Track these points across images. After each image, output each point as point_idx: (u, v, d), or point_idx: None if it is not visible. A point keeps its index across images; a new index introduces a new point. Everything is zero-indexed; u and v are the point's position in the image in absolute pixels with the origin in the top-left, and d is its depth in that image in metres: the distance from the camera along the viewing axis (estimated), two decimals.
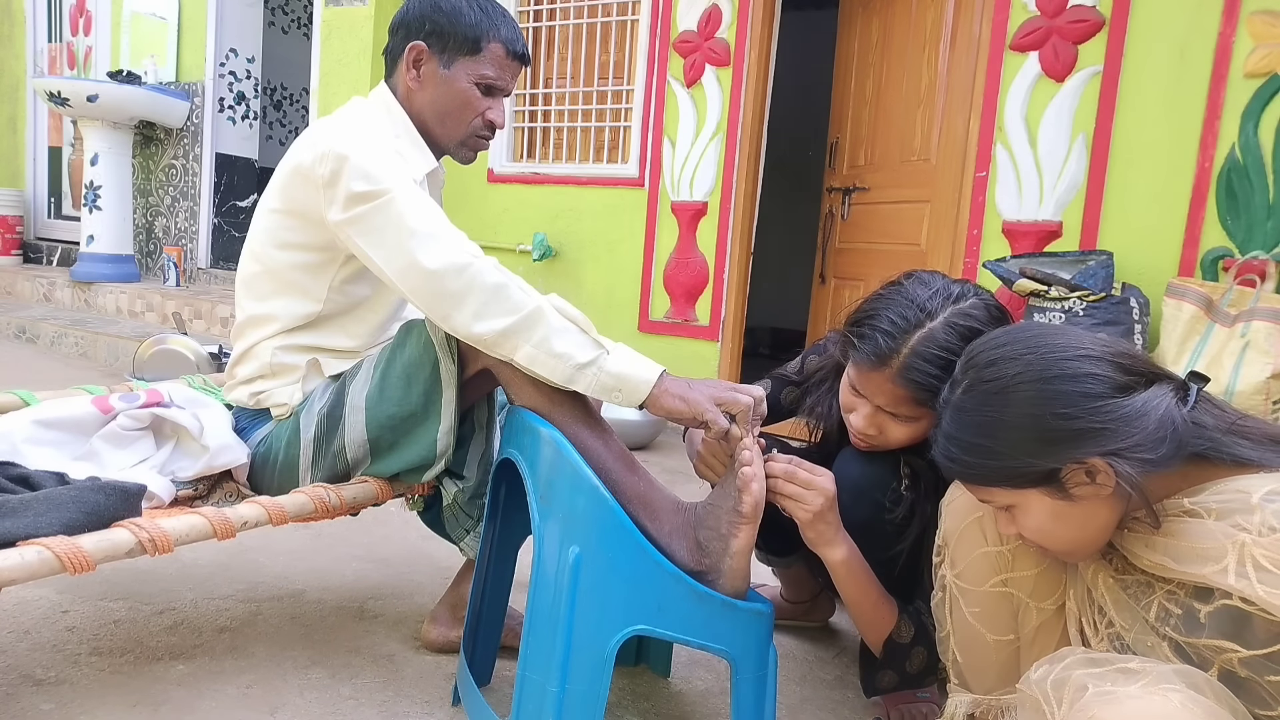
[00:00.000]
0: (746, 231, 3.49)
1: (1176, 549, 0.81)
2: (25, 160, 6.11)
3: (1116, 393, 0.82)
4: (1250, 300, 2.25)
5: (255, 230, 1.38)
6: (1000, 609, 1.03)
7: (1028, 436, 0.84)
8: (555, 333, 1.14)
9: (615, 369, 1.14)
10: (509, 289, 1.16)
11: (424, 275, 1.17)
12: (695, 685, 1.47)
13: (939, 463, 0.94)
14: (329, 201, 1.24)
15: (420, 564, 1.90)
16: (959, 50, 2.87)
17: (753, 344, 4.59)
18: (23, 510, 1.02)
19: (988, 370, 0.88)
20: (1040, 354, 0.85)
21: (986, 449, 0.87)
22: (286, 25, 6.52)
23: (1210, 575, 0.77)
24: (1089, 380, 0.82)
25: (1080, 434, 0.82)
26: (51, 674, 1.32)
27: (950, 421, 0.91)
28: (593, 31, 3.82)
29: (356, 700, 1.32)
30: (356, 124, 1.32)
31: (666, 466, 2.91)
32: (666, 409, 1.14)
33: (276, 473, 1.35)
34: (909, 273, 1.25)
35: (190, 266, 5.17)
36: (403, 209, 1.20)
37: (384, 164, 1.24)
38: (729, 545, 1.09)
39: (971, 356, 0.92)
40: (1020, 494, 0.88)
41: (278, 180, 1.34)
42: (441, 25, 1.34)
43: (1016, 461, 0.85)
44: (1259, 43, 2.37)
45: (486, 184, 4.05)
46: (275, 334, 1.36)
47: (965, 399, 0.90)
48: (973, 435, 0.88)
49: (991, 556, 1.02)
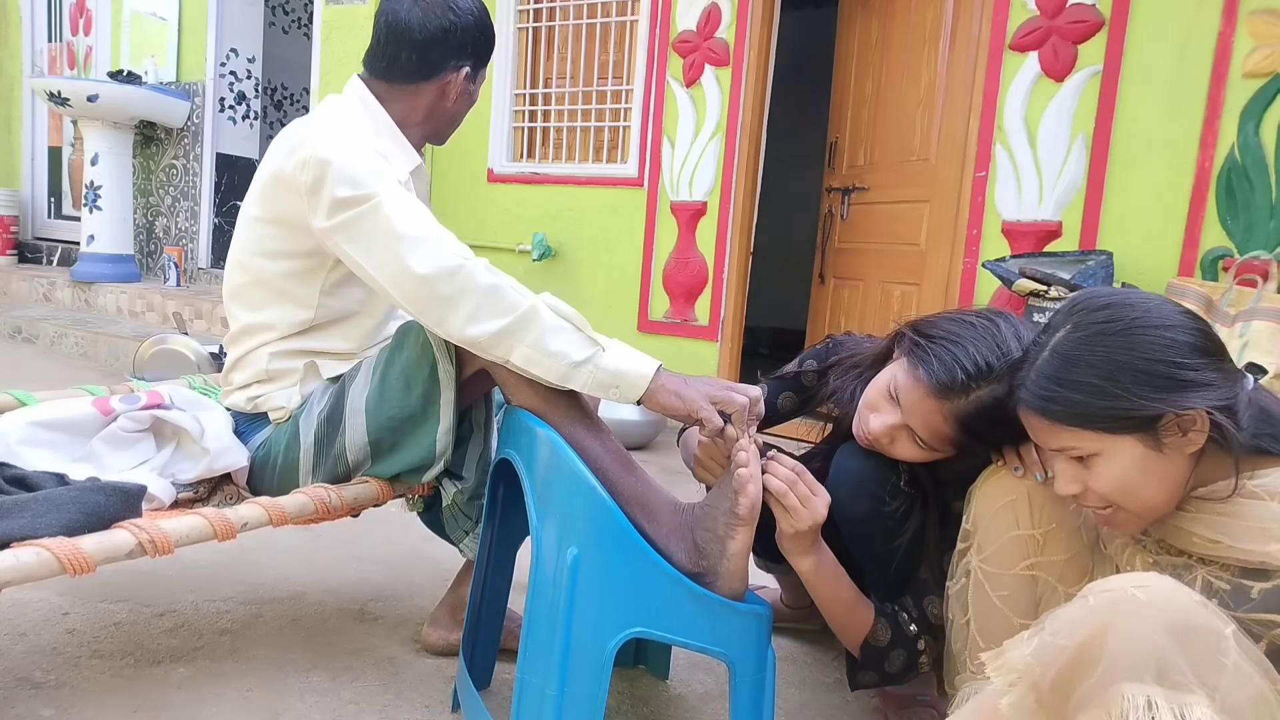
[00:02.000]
0: (746, 231, 3.49)
1: (1236, 528, 0.84)
2: (21, 160, 6.10)
3: (1216, 354, 0.87)
4: (1250, 300, 2.25)
5: (239, 240, 1.36)
6: (1025, 593, 1.05)
7: (1142, 379, 0.86)
8: (550, 332, 1.14)
9: (611, 365, 1.14)
10: (502, 290, 1.15)
11: (415, 281, 1.16)
12: (694, 688, 1.47)
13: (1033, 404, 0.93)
14: (313, 209, 1.23)
15: (420, 565, 1.90)
16: (958, 50, 2.87)
17: (752, 344, 4.59)
18: (21, 511, 1.02)
19: (1102, 313, 0.90)
20: (1153, 305, 0.89)
21: (1098, 388, 0.87)
22: (287, 25, 6.52)
23: (1275, 553, 0.80)
24: (1197, 334, 0.87)
25: (1186, 384, 0.85)
26: (51, 677, 1.32)
27: (1054, 363, 0.91)
28: (592, 31, 3.82)
29: (358, 705, 1.32)
30: (335, 125, 1.30)
31: (665, 467, 2.91)
32: (662, 404, 1.14)
33: (276, 476, 1.35)
34: (1005, 313, 1.17)
35: (191, 266, 5.17)
36: (389, 213, 1.19)
37: (367, 167, 1.22)
38: (726, 547, 1.09)
39: (1078, 302, 0.93)
40: (1113, 440, 0.88)
41: (257, 187, 1.33)
42: (483, 49, 1.41)
43: (1127, 402, 0.86)
44: (1259, 43, 2.37)
45: (486, 184, 4.05)
46: (270, 341, 1.36)
47: (1076, 339, 0.90)
48: (1086, 374, 0.88)
49: (1023, 540, 1.04)
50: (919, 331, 1.18)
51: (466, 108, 1.45)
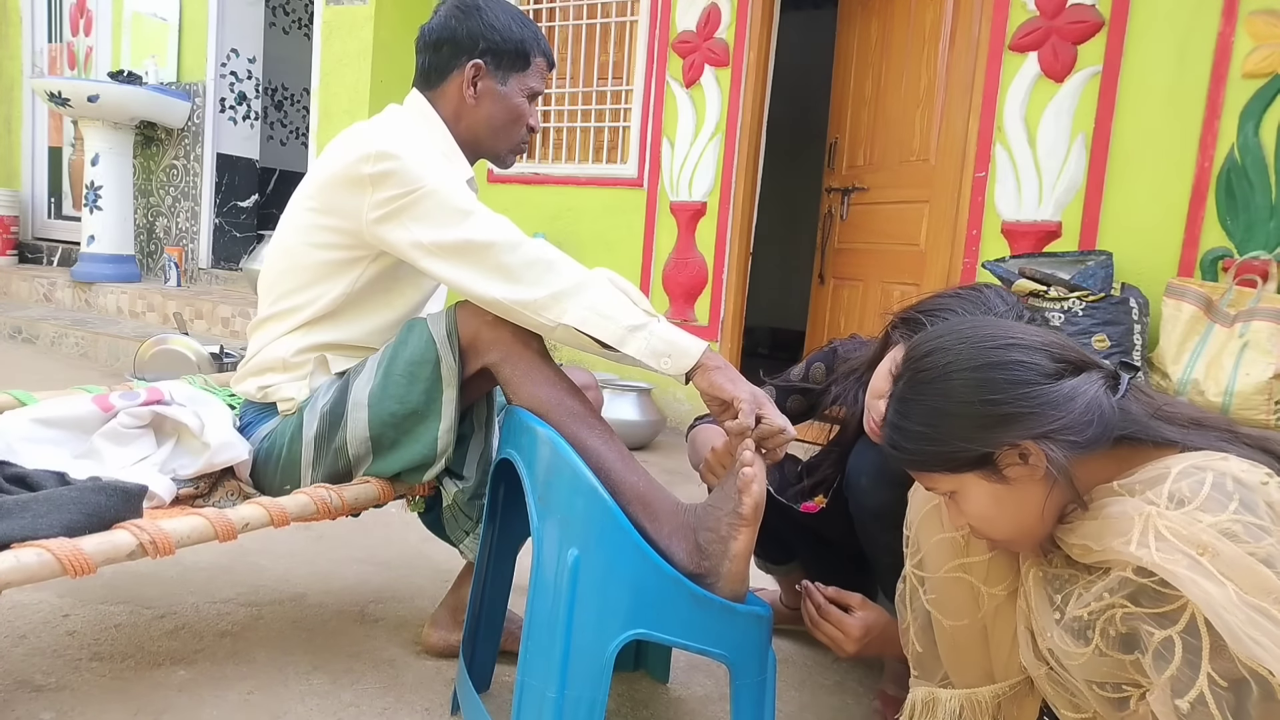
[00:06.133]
0: (745, 231, 3.49)
1: (1097, 529, 0.83)
2: (21, 160, 6.10)
3: (1045, 379, 0.85)
4: (1250, 300, 2.25)
5: (288, 227, 1.39)
6: (957, 594, 1.05)
7: (961, 422, 0.87)
8: (608, 296, 1.19)
9: (667, 334, 1.17)
10: (562, 261, 1.22)
11: (478, 248, 1.22)
12: (694, 690, 1.47)
13: (886, 453, 0.97)
14: (376, 197, 1.26)
15: (421, 567, 1.90)
16: (958, 50, 2.87)
17: (752, 344, 4.59)
18: (22, 511, 1.02)
19: (924, 361, 0.92)
20: (971, 344, 0.89)
21: (925, 435, 0.90)
22: (287, 25, 6.51)
23: (1117, 547, 0.78)
24: (1017, 367, 0.86)
25: (1010, 418, 0.85)
26: (51, 680, 1.32)
27: (893, 411, 0.94)
28: (592, 32, 3.82)
29: (358, 708, 1.32)
30: (400, 129, 1.34)
31: (665, 467, 2.91)
32: (712, 383, 1.15)
33: (279, 469, 1.35)
34: (988, 283, 1.26)
35: (191, 267, 5.17)
36: (451, 194, 1.25)
37: (431, 162, 1.28)
38: (728, 548, 1.08)
39: (911, 349, 0.96)
40: (959, 479, 0.91)
41: (316, 179, 1.35)
42: (497, 44, 1.39)
43: (952, 446, 0.88)
44: (1259, 43, 2.36)
45: (486, 184, 4.05)
46: (295, 328, 1.37)
47: (905, 389, 0.93)
48: (912, 423, 0.91)
49: (948, 542, 1.05)
50: (909, 313, 1.24)
51: (501, 112, 1.43)
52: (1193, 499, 0.76)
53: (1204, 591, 0.70)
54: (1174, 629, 0.73)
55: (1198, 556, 0.72)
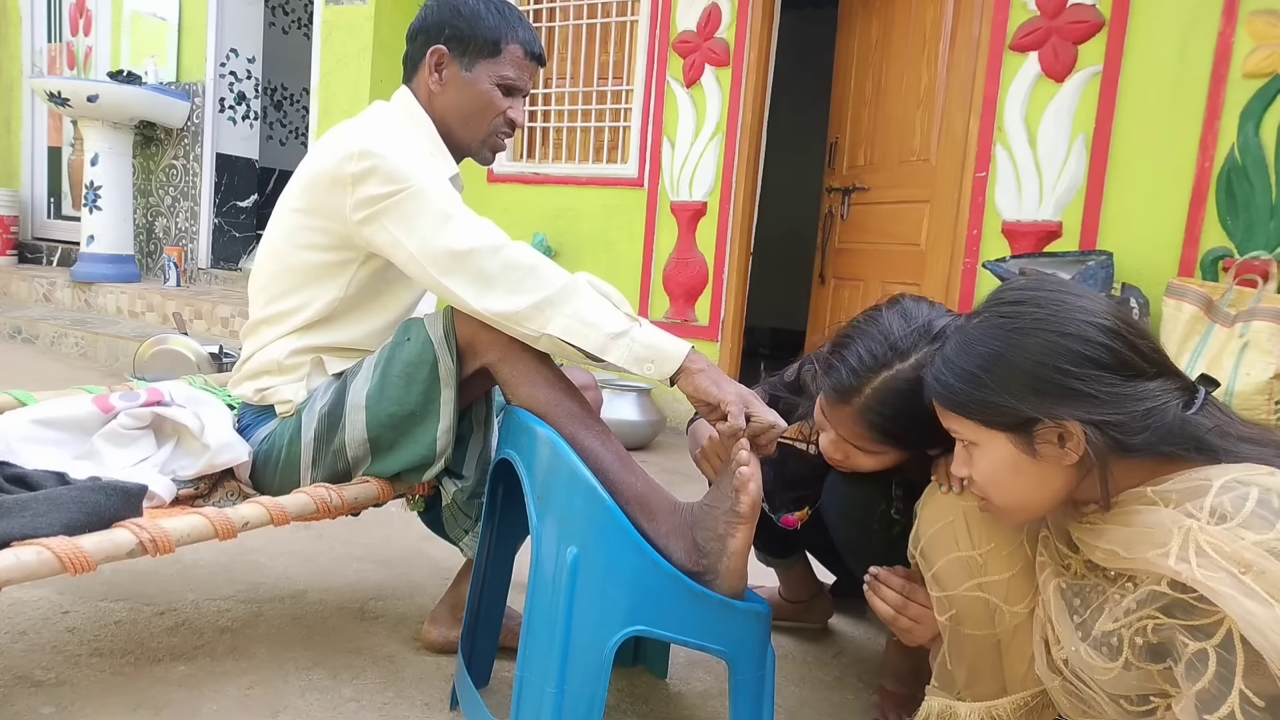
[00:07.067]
0: (746, 231, 3.49)
1: (1127, 536, 0.81)
2: (21, 160, 6.10)
3: (1122, 370, 0.83)
4: (1250, 300, 2.25)
5: (275, 229, 1.39)
6: (974, 611, 1.03)
7: (1022, 379, 0.85)
8: (590, 304, 1.18)
9: (648, 339, 1.17)
10: (543, 266, 1.21)
11: (458, 256, 1.21)
12: (694, 686, 1.47)
13: (926, 381, 0.94)
14: (358, 196, 1.25)
15: (420, 564, 1.90)
16: (958, 50, 2.87)
17: (752, 344, 4.59)
18: (22, 510, 1.02)
19: (1009, 308, 0.89)
20: (1064, 308, 0.86)
21: (976, 378, 0.88)
22: (287, 25, 6.52)
23: (1153, 559, 0.76)
24: (1100, 349, 0.83)
25: (1071, 394, 0.83)
26: (51, 675, 1.32)
27: (954, 345, 0.92)
28: (592, 32, 3.82)
29: (358, 703, 1.32)
30: (384, 126, 1.34)
31: (665, 467, 2.91)
32: (697, 387, 1.15)
33: (278, 471, 1.36)
34: (895, 300, 1.18)
35: (191, 267, 5.17)
36: (433, 197, 1.24)
37: (414, 160, 1.27)
38: (726, 545, 1.09)
39: (999, 293, 0.93)
40: (988, 433, 0.89)
41: (301, 180, 1.35)
42: (461, 29, 1.37)
43: (1000, 399, 0.86)
44: (1259, 43, 2.37)
45: (486, 184, 4.05)
46: (289, 332, 1.37)
47: (977, 328, 0.90)
48: (969, 361, 0.89)
49: (964, 561, 1.02)
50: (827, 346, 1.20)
51: (468, 99, 1.39)
52: (1235, 514, 0.74)
53: (1246, 610, 0.68)
54: (1209, 642, 0.71)
55: (1240, 575, 0.70)
